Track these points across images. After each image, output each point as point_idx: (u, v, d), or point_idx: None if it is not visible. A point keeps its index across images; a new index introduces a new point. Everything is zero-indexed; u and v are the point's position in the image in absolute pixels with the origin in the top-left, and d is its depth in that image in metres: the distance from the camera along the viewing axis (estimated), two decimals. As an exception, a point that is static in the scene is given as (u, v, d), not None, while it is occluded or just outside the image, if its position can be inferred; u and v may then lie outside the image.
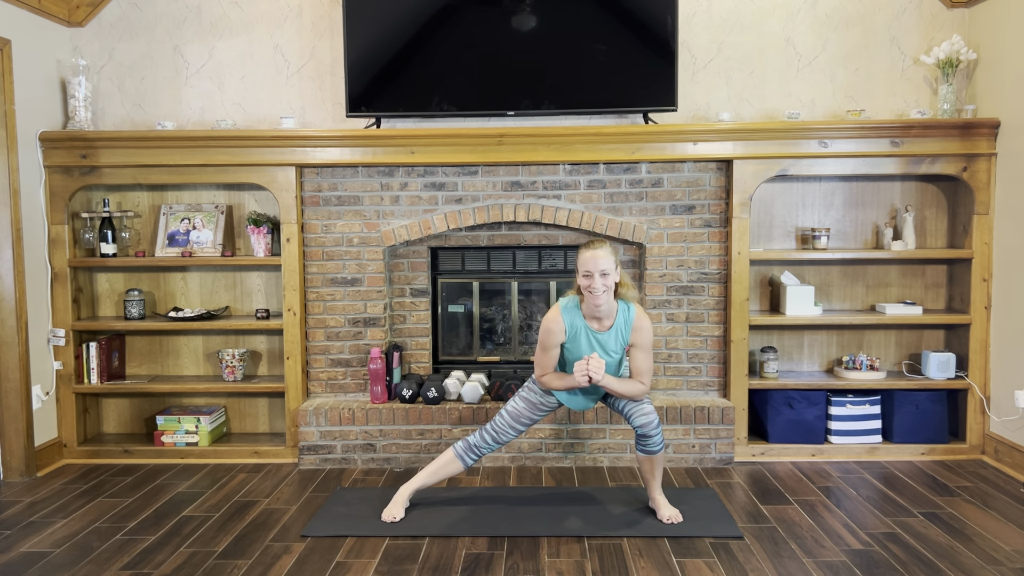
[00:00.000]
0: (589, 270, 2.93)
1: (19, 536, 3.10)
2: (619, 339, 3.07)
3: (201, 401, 4.29)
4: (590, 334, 3.06)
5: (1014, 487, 3.53)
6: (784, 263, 4.17)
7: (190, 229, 4.13)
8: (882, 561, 2.80)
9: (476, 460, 3.23)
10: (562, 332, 3.06)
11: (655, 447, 3.08)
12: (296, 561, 2.85)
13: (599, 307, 2.98)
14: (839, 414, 3.95)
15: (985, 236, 3.88)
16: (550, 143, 3.87)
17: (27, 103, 3.79)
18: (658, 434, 3.07)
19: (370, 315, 4.05)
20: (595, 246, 2.97)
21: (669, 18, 3.84)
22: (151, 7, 4.13)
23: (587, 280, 2.95)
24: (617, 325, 3.06)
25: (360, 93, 3.93)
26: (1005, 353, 3.79)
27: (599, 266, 2.92)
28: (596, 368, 2.95)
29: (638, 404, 3.08)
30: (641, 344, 3.06)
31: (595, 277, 2.92)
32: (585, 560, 2.83)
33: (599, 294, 2.94)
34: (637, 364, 3.07)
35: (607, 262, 2.94)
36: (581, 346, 3.07)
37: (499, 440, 3.19)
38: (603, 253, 2.95)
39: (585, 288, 2.96)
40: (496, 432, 3.19)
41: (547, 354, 3.09)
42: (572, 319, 3.06)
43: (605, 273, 2.94)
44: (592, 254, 2.94)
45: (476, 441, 3.19)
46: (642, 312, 3.08)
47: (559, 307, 3.08)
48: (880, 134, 3.83)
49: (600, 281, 2.93)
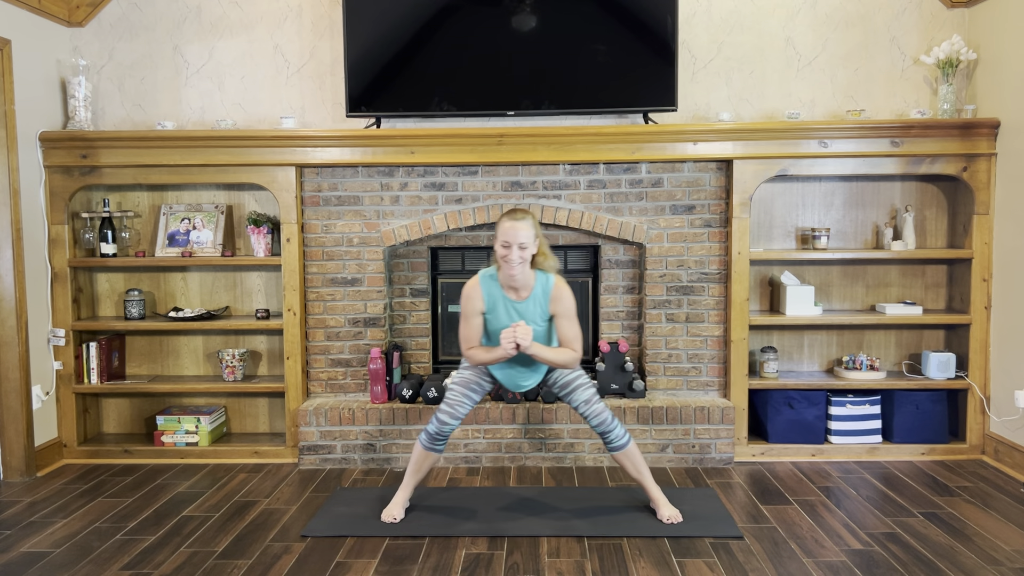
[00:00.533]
0: (508, 241, 2.94)
1: (19, 536, 3.10)
2: (537, 308, 3.06)
3: (201, 401, 4.29)
4: (508, 303, 3.06)
5: (1014, 487, 3.53)
6: (784, 263, 4.17)
7: (190, 229, 4.13)
8: (882, 561, 2.80)
9: (444, 443, 3.19)
10: (480, 300, 3.07)
11: (618, 441, 3.10)
12: (296, 561, 2.85)
13: (514, 277, 2.99)
14: (839, 414, 3.95)
15: (985, 236, 3.88)
16: (550, 143, 3.87)
17: (27, 103, 3.79)
18: (616, 428, 3.09)
19: (370, 315, 4.05)
20: (516, 216, 2.98)
21: (669, 18, 3.84)
22: (151, 7, 4.13)
23: (504, 250, 2.95)
24: (535, 295, 3.05)
25: (360, 93, 3.93)
26: (1005, 353, 3.79)
27: (518, 238, 2.93)
28: (523, 335, 2.94)
29: (589, 405, 3.11)
30: (563, 312, 3.06)
31: (513, 248, 2.94)
32: (585, 560, 2.83)
33: (515, 264, 2.95)
34: (563, 333, 3.07)
35: (526, 234, 2.95)
36: (499, 315, 3.08)
37: (456, 416, 3.14)
38: (523, 225, 2.95)
39: (501, 258, 2.97)
40: (442, 422, 3.14)
41: (468, 323, 3.09)
42: (489, 288, 3.07)
43: (523, 246, 2.95)
44: (512, 225, 2.95)
45: (433, 429, 3.15)
46: (561, 281, 3.07)
47: (478, 276, 3.10)
48: (880, 134, 3.83)
49: (517, 253, 2.94)
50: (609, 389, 3.97)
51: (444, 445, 3.19)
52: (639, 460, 3.17)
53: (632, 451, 3.15)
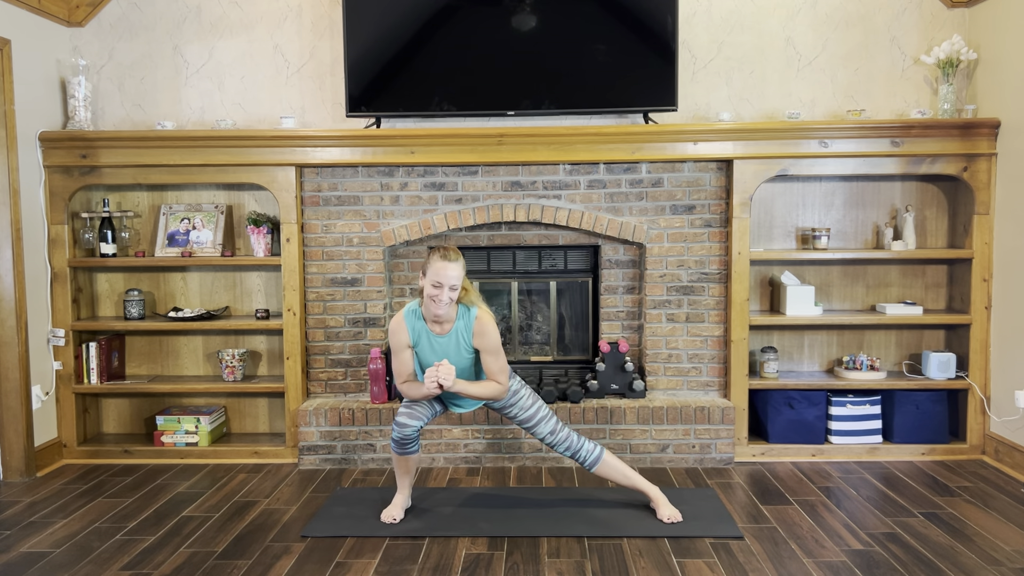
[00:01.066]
0: (440, 281, 2.94)
1: (19, 536, 3.10)
2: (460, 342, 3.07)
3: (201, 401, 4.28)
4: (431, 337, 3.08)
5: (1014, 487, 3.53)
6: (784, 263, 4.17)
7: (190, 229, 4.12)
8: (882, 561, 2.80)
9: (415, 443, 3.15)
10: (405, 334, 3.07)
11: (591, 456, 3.14)
12: (296, 561, 2.85)
13: (439, 315, 3.01)
14: (839, 414, 3.95)
15: (985, 236, 3.88)
16: (550, 143, 3.87)
17: (27, 103, 3.79)
18: (583, 446, 3.14)
19: (370, 315, 4.05)
20: (450, 258, 2.97)
21: (669, 18, 3.84)
22: (151, 7, 4.13)
23: (436, 290, 2.95)
24: (456, 328, 3.06)
25: (360, 93, 3.93)
26: (1005, 353, 3.79)
27: (450, 279, 2.94)
28: (446, 375, 2.93)
29: (537, 426, 3.14)
30: (485, 347, 3.05)
31: (444, 289, 2.94)
32: (585, 560, 2.83)
33: (443, 304, 2.97)
34: (488, 367, 3.07)
35: (457, 275, 2.96)
36: (424, 349, 3.10)
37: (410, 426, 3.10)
38: (455, 267, 2.95)
39: (431, 296, 2.97)
40: (401, 424, 3.10)
41: (398, 358, 3.09)
42: (413, 323, 3.08)
43: (454, 287, 2.96)
44: (445, 266, 2.94)
45: (397, 435, 3.12)
46: (484, 315, 3.06)
47: (402, 311, 3.11)
48: (880, 134, 3.83)
49: (448, 293, 2.95)
50: (609, 389, 3.97)
51: (416, 445, 3.18)
52: (621, 466, 3.18)
53: (609, 460, 3.17)
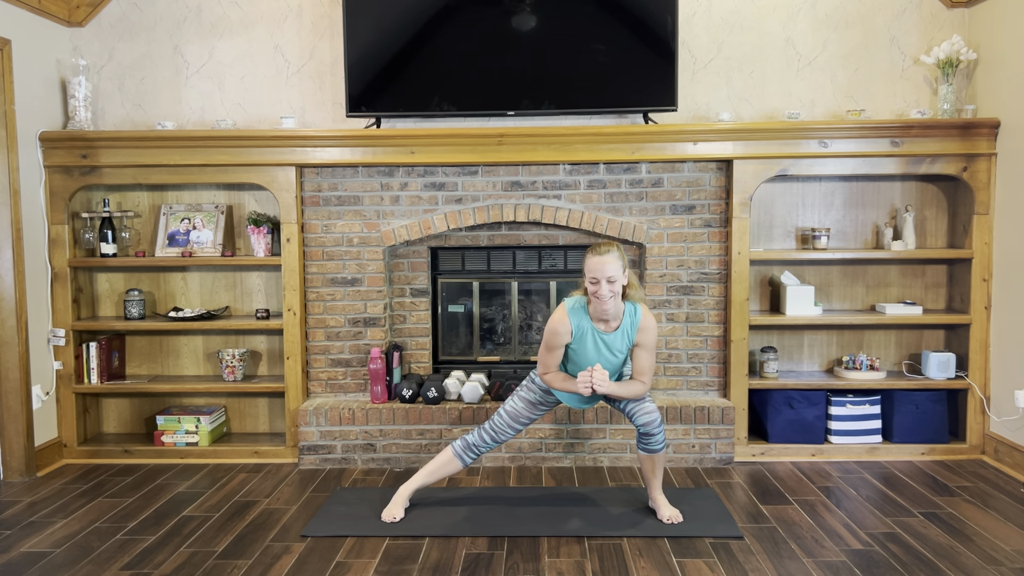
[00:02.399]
0: (596, 276, 2.91)
1: (19, 536, 3.10)
2: (625, 339, 3.07)
3: (201, 401, 4.29)
4: (596, 335, 3.05)
5: (1014, 487, 3.53)
6: (784, 263, 4.17)
7: (190, 229, 4.13)
8: (882, 561, 2.80)
9: (475, 459, 3.23)
10: (568, 334, 3.04)
11: (657, 445, 3.09)
12: (296, 561, 2.85)
13: (607, 311, 2.98)
14: (839, 414, 3.95)
15: (985, 236, 3.88)
16: (550, 143, 3.87)
17: (27, 103, 3.79)
18: (660, 432, 3.07)
19: (370, 315, 4.05)
20: (603, 251, 2.94)
21: (669, 18, 3.84)
22: (151, 7, 4.13)
23: (594, 286, 2.93)
24: (623, 326, 3.05)
25: (360, 93, 3.93)
26: (1005, 353, 3.79)
27: (606, 272, 2.90)
28: (600, 380, 2.94)
29: (640, 403, 3.09)
30: (645, 343, 3.06)
31: (602, 283, 2.91)
32: (585, 560, 2.83)
33: (606, 300, 2.93)
34: (640, 363, 3.07)
35: (615, 268, 2.91)
36: (587, 346, 3.07)
37: (498, 439, 3.19)
38: (611, 259, 2.92)
39: (592, 293, 2.95)
40: (495, 431, 3.19)
41: (552, 354, 3.08)
42: (579, 320, 3.05)
43: (612, 280, 2.91)
44: (600, 260, 2.92)
45: (474, 440, 3.19)
46: (648, 312, 3.07)
47: (565, 308, 3.06)
48: (880, 134, 3.83)
49: (607, 288, 2.91)
50: (609, 389, 3.97)
51: (475, 460, 3.20)
52: (661, 466, 3.18)
53: (663, 457, 3.16)
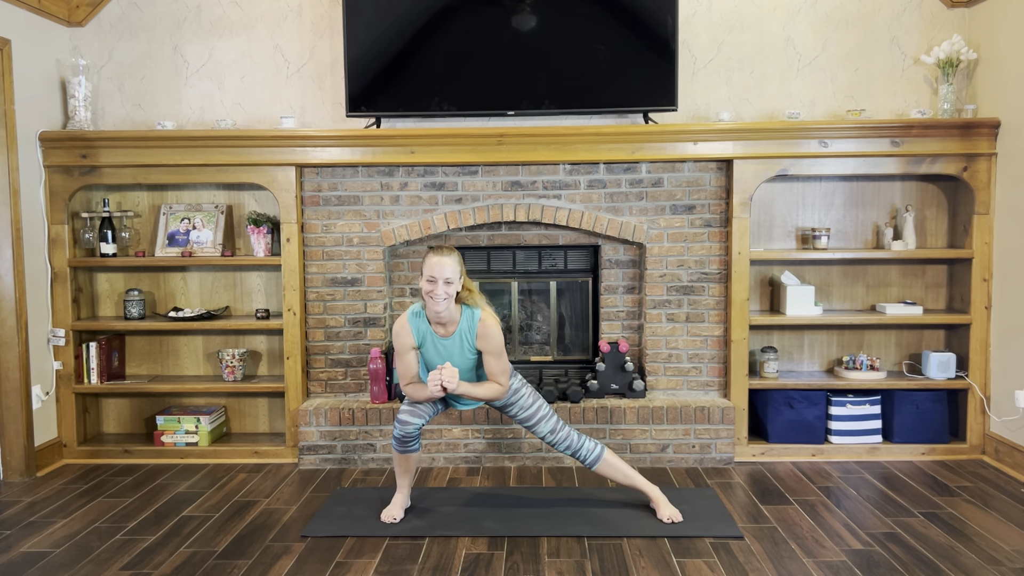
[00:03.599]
0: (433, 276, 2.95)
1: (19, 536, 3.10)
2: (464, 343, 3.08)
3: (201, 401, 4.29)
4: (435, 340, 3.09)
5: (1014, 487, 3.53)
6: (784, 263, 4.17)
7: (190, 229, 4.12)
8: (882, 561, 2.80)
9: (416, 441, 3.16)
10: (409, 335, 3.09)
11: (591, 455, 3.15)
12: (296, 561, 2.85)
13: (439, 313, 3.01)
14: (839, 414, 3.95)
15: (985, 236, 3.88)
16: (550, 143, 3.87)
17: (27, 103, 3.79)
18: (583, 444, 3.14)
19: (370, 315, 4.05)
20: (443, 253, 2.99)
21: (669, 18, 3.84)
22: (151, 7, 4.13)
23: (430, 285, 2.97)
24: (461, 330, 3.07)
25: (360, 93, 3.93)
26: (1005, 353, 3.79)
27: (444, 273, 2.95)
28: (449, 377, 2.95)
29: (537, 425, 3.15)
30: (489, 349, 3.06)
31: (438, 283, 2.95)
32: (585, 560, 2.83)
33: (439, 300, 2.97)
34: (489, 368, 3.08)
35: (452, 270, 2.96)
36: (429, 351, 3.11)
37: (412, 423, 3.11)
38: (449, 261, 2.97)
39: (427, 293, 2.98)
40: (403, 422, 3.12)
41: (402, 360, 3.11)
42: (418, 325, 3.10)
43: (449, 281, 2.96)
44: (439, 260, 2.96)
45: (399, 433, 3.13)
46: (488, 317, 3.07)
47: (406, 312, 3.13)
48: (880, 134, 3.83)
49: (443, 288, 2.96)
50: (609, 389, 3.97)
51: (417, 443, 3.18)
52: (621, 465, 3.19)
53: (610, 459, 3.18)
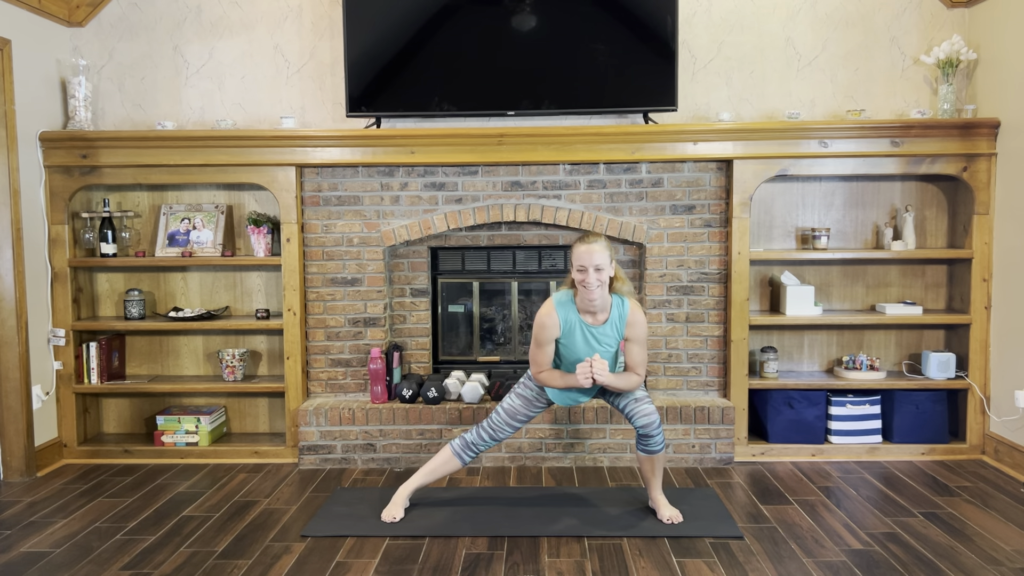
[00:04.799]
0: (584, 264, 2.93)
1: (19, 536, 3.10)
2: (614, 332, 3.07)
3: (201, 401, 4.29)
4: (584, 328, 3.05)
5: (1014, 487, 3.53)
6: (784, 263, 4.17)
7: (190, 229, 4.13)
8: (882, 561, 2.80)
9: (473, 457, 3.23)
10: (556, 327, 3.05)
11: (656, 447, 3.09)
12: (296, 561, 2.85)
13: (593, 301, 2.98)
14: (839, 414, 3.95)
15: (985, 236, 3.88)
16: (550, 143, 3.87)
17: (27, 103, 3.79)
18: (659, 433, 3.07)
19: (370, 315, 4.05)
20: (590, 240, 2.97)
21: (669, 18, 3.84)
22: (151, 7, 4.13)
23: (581, 274, 2.94)
24: (612, 319, 3.05)
25: (360, 93, 3.93)
26: (1005, 353, 3.79)
27: (594, 261, 2.92)
28: (600, 369, 2.95)
29: (639, 404, 3.09)
30: (636, 337, 3.06)
31: (589, 272, 2.92)
32: (585, 560, 2.83)
33: (593, 288, 2.93)
34: (632, 357, 3.08)
35: (602, 257, 2.93)
36: (576, 340, 3.07)
37: (496, 437, 3.19)
38: (598, 248, 2.94)
39: (579, 282, 2.96)
40: (493, 429, 3.18)
41: (542, 350, 3.07)
42: (567, 313, 3.05)
43: (600, 268, 2.93)
44: (587, 248, 2.94)
45: (473, 439, 3.19)
46: (636, 306, 3.08)
47: (552, 301, 3.07)
48: (880, 134, 3.83)
49: (595, 276, 2.92)
50: (609, 389, 3.97)
51: (473, 459, 3.20)
52: (661, 466, 3.18)
53: (663, 457, 3.17)
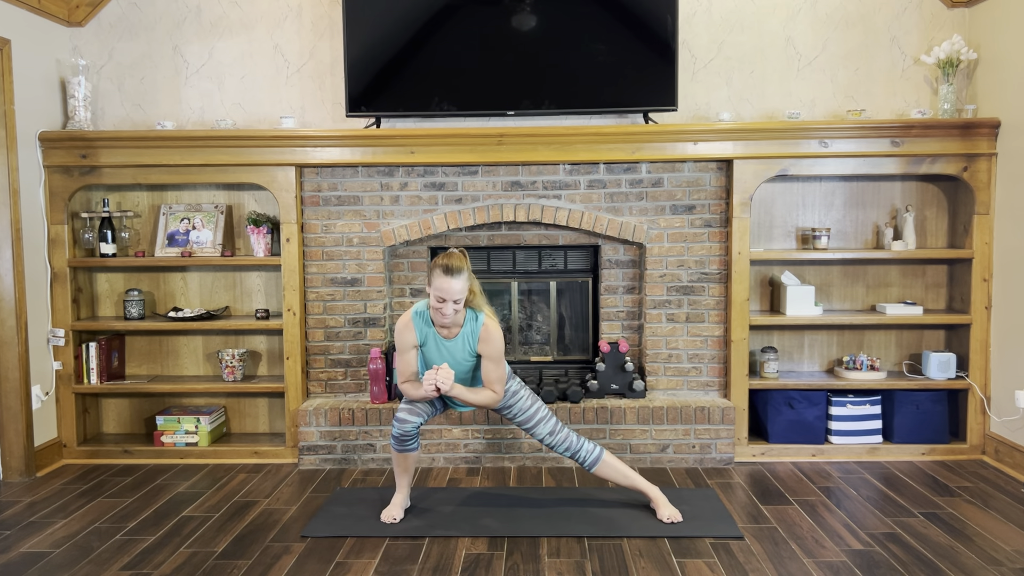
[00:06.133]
0: (443, 297, 2.94)
1: (19, 536, 3.10)
2: (466, 347, 3.08)
3: (201, 401, 4.28)
4: (438, 341, 3.09)
5: (1014, 487, 3.53)
6: (784, 263, 4.17)
7: (190, 229, 4.12)
8: (882, 561, 2.80)
9: (415, 440, 3.16)
10: (412, 335, 3.08)
11: (591, 456, 3.15)
12: (296, 561, 2.85)
13: (445, 324, 3.03)
14: (839, 414, 3.95)
15: (985, 236, 3.88)
16: (550, 143, 3.87)
17: (27, 103, 3.79)
18: (583, 446, 3.14)
19: (370, 315, 4.05)
20: (453, 274, 2.93)
21: (669, 18, 3.84)
22: (151, 7, 4.13)
23: (439, 303, 2.96)
24: (463, 333, 3.07)
25: (360, 93, 3.93)
26: (1005, 353, 3.79)
27: (453, 295, 2.93)
28: (444, 378, 2.95)
29: (534, 427, 3.15)
30: (488, 354, 3.06)
31: (447, 303, 2.95)
32: (585, 560, 2.83)
33: (448, 317, 2.97)
34: (487, 374, 3.08)
35: (461, 290, 2.94)
36: (431, 350, 3.11)
37: (410, 422, 3.11)
38: (459, 284, 2.93)
39: (436, 310, 2.98)
40: (401, 420, 3.12)
41: (402, 358, 3.11)
42: (421, 325, 3.09)
43: (457, 301, 2.96)
44: (448, 283, 2.91)
45: (397, 432, 3.13)
46: (491, 322, 3.06)
47: (411, 312, 3.11)
48: (880, 134, 3.83)
49: (451, 307, 2.95)
50: (609, 389, 3.97)
51: (416, 442, 3.18)
52: (621, 466, 3.19)
53: (609, 460, 3.18)
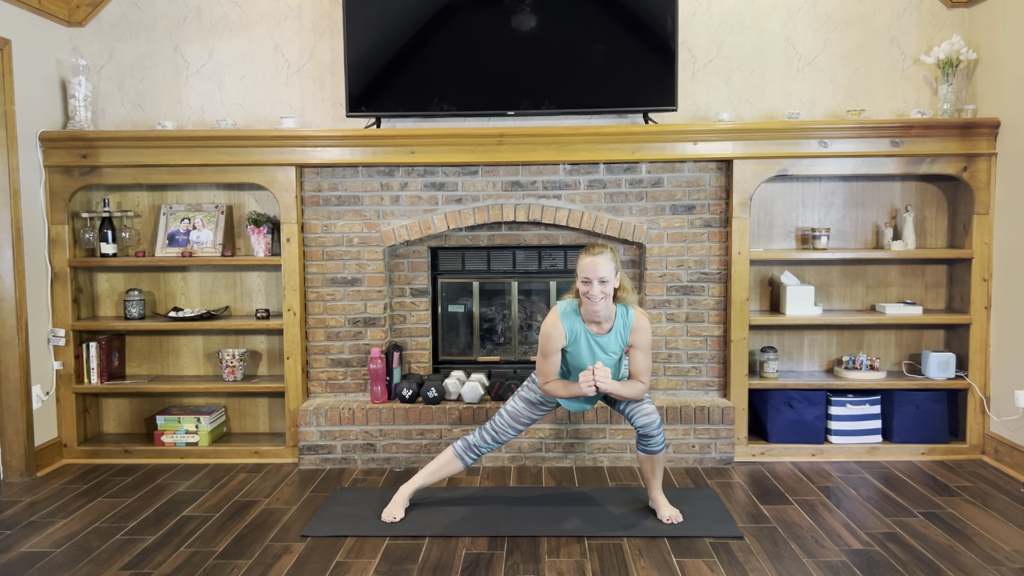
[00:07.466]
0: (588, 277, 2.92)
1: (19, 536, 3.10)
2: (618, 341, 3.07)
3: (201, 401, 4.29)
4: (590, 337, 3.06)
5: (1014, 487, 3.53)
6: (784, 263, 4.17)
7: (190, 229, 4.13)
8: (882, 561, 2.80)
9: (475, 459, 3.23)
10: (562, 337, 3.05)
11: (656, 447, 3.09)
12: (296, 561, 2.85)
13: (597, 312, 2.98)
14: (839, 414, 3.95)
15: (985, 236, 3.88)
16: (550, 143, 3.87)
17: (27, 103, 3.79)
18: (659, 434, 3.07)
19: (370, 315, 4.05)
20: (595, 251, 2.95)
21: (669, 18, 3.84)
22: (151, 7, 4.13)
23: (586, 286, 2.94)
24: (616, 328, 3.05)
25: (360, 93, 3.93)
26: (1005, 353, 3.79)
27: (598, 273, 2.91)
28: (603, 377, 2.94)
29: (639, 404, 3.09)
30: (640, 345, 3.06)
31: (594, 284, 2.92)
32: (585, 560, 2.83)
33: (597, 300, 2.94)
34: (636, 365, 3.07)
35: (606, 269, 2.92)
36: (581, 350, 3.07)
37: (499, 440, 3.19)
38: (603, 260, 2.93)
39: (583, 294, 2.96)
40: (496, 431, 3.19)
41: (548, 360, 3.07)
42: (571, 324, 3.06)
43: (604, 280, 2.92)
44: (592, 260, 2.93)
45: (475, 440, 3.19)
46: (640, 313, 3.08)
47: (557, 312, 3.07)
48: (880, 134, 3.83)
49: (599, 288, 2.92)
50: (609, 389, 3.97)
51: (475, 461, 3.19)
52: (661, 467, 3.18)
53: (663, 457, 3.17)
